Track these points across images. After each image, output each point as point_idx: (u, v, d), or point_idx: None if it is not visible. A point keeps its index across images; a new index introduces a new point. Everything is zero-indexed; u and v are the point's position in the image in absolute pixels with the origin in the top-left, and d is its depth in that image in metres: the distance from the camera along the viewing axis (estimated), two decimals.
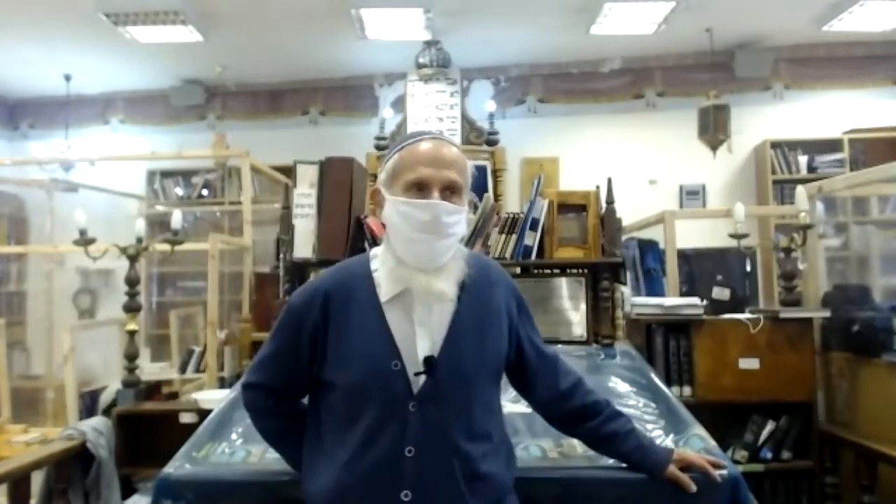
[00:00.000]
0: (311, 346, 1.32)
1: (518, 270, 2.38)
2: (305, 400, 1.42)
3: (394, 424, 1.24)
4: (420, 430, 1.24)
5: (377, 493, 1.23)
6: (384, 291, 1.30)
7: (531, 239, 2.22)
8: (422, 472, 1.23)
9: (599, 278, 2.27)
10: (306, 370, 1.33)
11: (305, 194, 2.22)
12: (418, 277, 1.26)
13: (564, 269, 2.33)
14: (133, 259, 3.04)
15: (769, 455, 2.81)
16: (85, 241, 3.08)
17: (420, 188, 1.26)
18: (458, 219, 1.28)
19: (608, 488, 1.49)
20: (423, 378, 1.25)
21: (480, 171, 4.71)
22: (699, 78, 5.51)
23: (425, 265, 1.27)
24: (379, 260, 1.35)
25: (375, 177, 1.45)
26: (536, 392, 1.47)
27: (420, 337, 1.27)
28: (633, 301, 2.97)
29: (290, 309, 1.37)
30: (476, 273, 1.33)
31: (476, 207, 2.16)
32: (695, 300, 2.90)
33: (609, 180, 2.34)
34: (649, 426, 1.71)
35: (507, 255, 2.23)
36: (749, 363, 2.79)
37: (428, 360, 1.25)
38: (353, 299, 1.31)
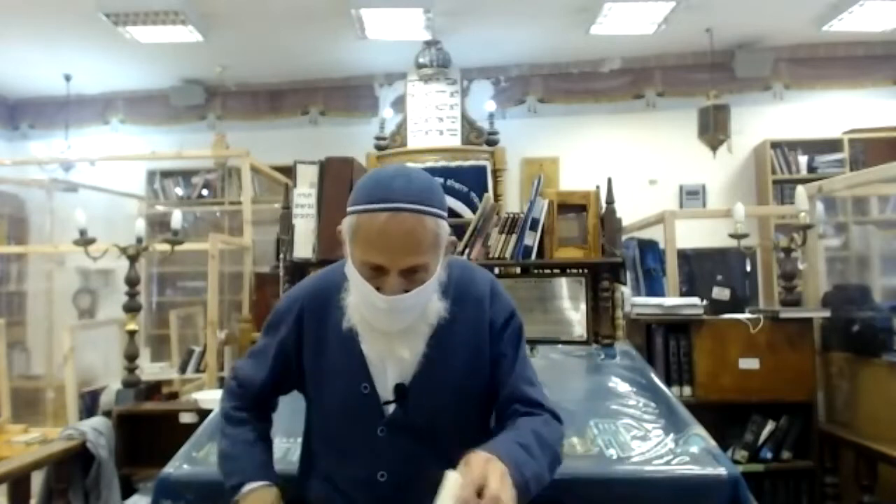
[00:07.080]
0: (281, 352, 1.32)
1: (518, 270, 2.38)
2: (275, 414, 1.42)
3: (365, 448, 1.24)
4: (391, 457, 1.23)
5: None
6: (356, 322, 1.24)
7: (531, 239, 2.22)
8: (397, 496, 1.23)
9: (599, 278, 2.27)
10: (270, 373, 1.33)
11: (305, 194, 2.23)
12: (379, 341, 1.21)
13: (564, 269, 2.33)
14: (133, 259, 3.04)
15: (769, 455, 2.81)
16: (85, 241, 3.07)
17: (377, 269, 1.15)
18: (421, 299, 1.18)
19: (608, 487, 1.49)
20: (393, 405, 1.24)
21: (480, 171, 4.71)
22: (699, 78, 5.52)
23: (386, 329, 1.20)
24: (349, 291, 1.24)
25: None
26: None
27: (391, 364, 1.24)
28: (633, 301, 2.97)
29: (275, 312, 1.38)
30: (457, 293, 1.27)
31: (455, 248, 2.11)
32: (695, 300, 2.90)
33: (609, 180, 2.34)
34: (649, 426, 1.71)
35: (507, 255, 2.23)
36: (749, 363, 2.79)
37: (398, 388, 1.23)
38: (328, 316, 1.28)
